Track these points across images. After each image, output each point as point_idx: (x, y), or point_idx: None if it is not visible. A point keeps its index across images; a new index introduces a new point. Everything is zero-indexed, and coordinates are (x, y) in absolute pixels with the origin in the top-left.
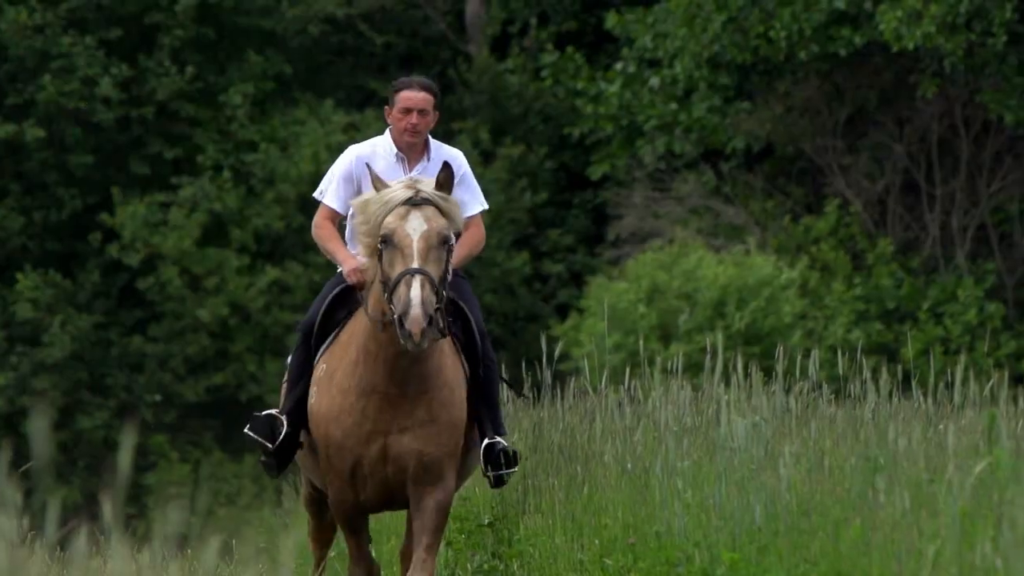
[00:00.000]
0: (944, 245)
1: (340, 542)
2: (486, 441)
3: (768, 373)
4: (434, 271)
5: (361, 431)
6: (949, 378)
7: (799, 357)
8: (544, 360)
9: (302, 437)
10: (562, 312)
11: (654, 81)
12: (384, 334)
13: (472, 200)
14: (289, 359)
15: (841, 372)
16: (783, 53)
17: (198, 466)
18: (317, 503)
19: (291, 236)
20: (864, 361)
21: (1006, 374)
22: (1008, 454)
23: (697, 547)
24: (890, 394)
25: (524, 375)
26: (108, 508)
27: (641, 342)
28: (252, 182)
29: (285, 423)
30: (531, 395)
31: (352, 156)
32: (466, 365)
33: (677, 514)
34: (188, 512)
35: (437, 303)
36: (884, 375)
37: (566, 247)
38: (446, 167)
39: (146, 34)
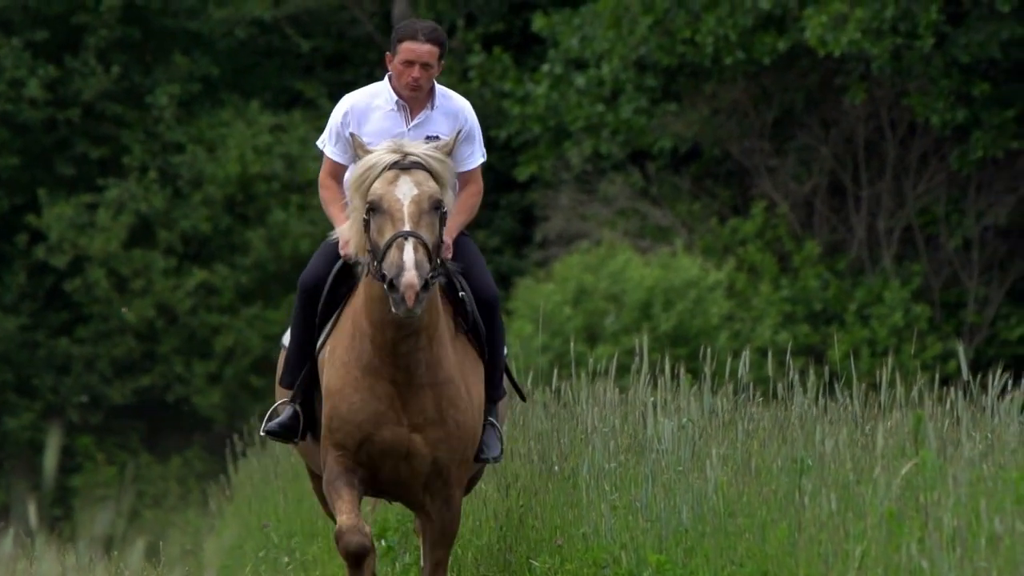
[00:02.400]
0: (870, 247)
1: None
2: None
3: (695, 374)
4: (427, 236)
5: (369, 408)
6: (876, 380)
7: (727, 359)
8: None
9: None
10: None
11: (580, 82)
12: (379, 315)
13: (473, 154)
14: (291, 321)
15: (768, 374)
16: (709, 57)
17: (124, 468)
18: None
19: (218, 238)
20: (791, 362)
21: (933, 376)
22: (934, 455)
23: (624, 549)
24: (817, 396)
25: None
26: (34, 510)
27: (572, 344)
28: (179, 183)
29: (296, 408)
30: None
31: (347, 106)
32: (477, 347)
33: (604, 516)
34: (114, 514)
35: (431, 271)
36: (811, 377)
37: (493, 249)
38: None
39: (72, 35)
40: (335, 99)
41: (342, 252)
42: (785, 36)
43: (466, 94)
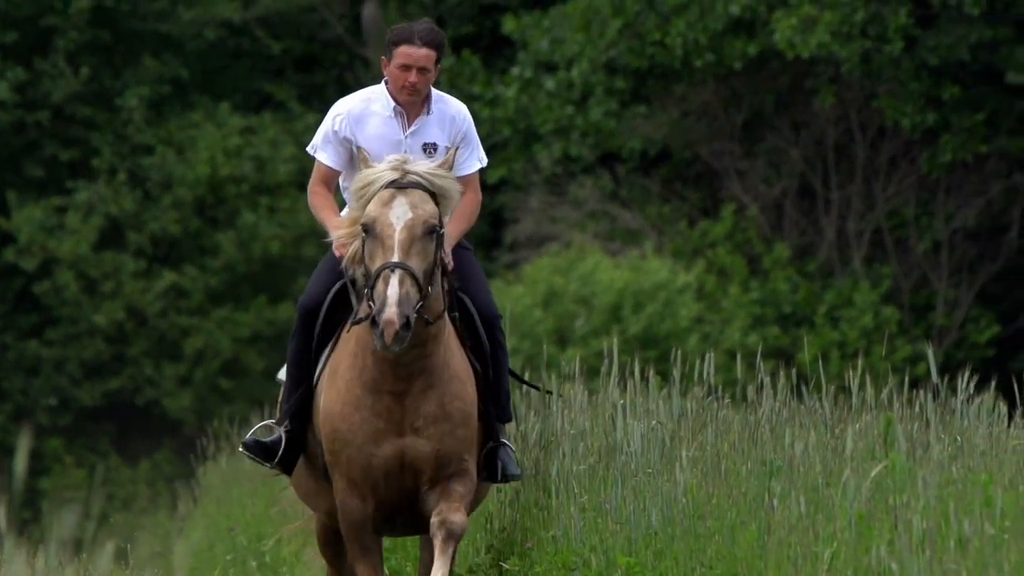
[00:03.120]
0: (840, 249)
1: None
2: (489, 444)
3: (665, 377)
4: (417, 265)
5: (370, 428)
6: (845, 382)
7: (696, 361)
8: None
9: (300, 464)
10: None
11: (550, 85)
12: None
13: (470, 158)
14: (288, 347)
15: (738, 376)
16: (679, 60)
17: (93, 470)
18: (334, 544)
19: (188, 240)
20: (761, 365)
21: (903, 378)
22: (904, 458)
23: (593, 551)
24: (786, 398)
25: None
26: (3, 512)
27: (545, 347)
28: (148, 186)
29: (282, 433)
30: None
31: (342, 111)
32: (475, 362)
33: (573, 518)
34: (83, 517)
35: (420, 299)
36: (780, 379)
37: None
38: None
39: (41, 37)
40: (305, 101)
41: (337, 252)
42: (755, 40)
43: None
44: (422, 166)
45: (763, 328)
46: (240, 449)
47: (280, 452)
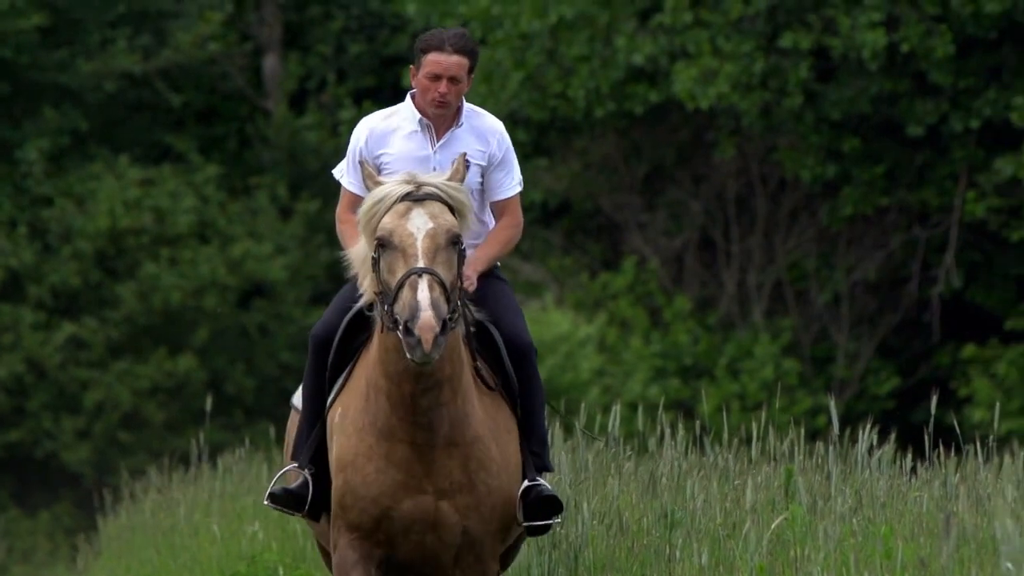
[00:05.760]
0: (741, 302)
1: None
2: (524, 483)
3: (567, 429)
4: (444, 274)
5: (386, 479)
6: (746, 434)
7: (597, 413)
8: None
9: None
10: None
11: None
12: (394, 367)
13: (509, 180)
14: (302, 382)
15: (639, 428)
16: (581, 111)
17: None
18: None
19: (88, 292)
20: (662, 417)
21: (802, 430)
22: (804, 510)
23: None
24: (687, 450)
25: None
26: None
27: None
28: (48, 238)
29: (307, 476)
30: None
31: (364, 130)
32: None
33: None
34: None
35: (449, 312)
36: (681, 431)
37: None
38: (462, 157)
39: None
40: (205, 153)
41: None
42: (656, 90)
43: (335, 149)
44: (437, 178)
45: (664, 380)
46: (266, 502)
47: (309, 498)
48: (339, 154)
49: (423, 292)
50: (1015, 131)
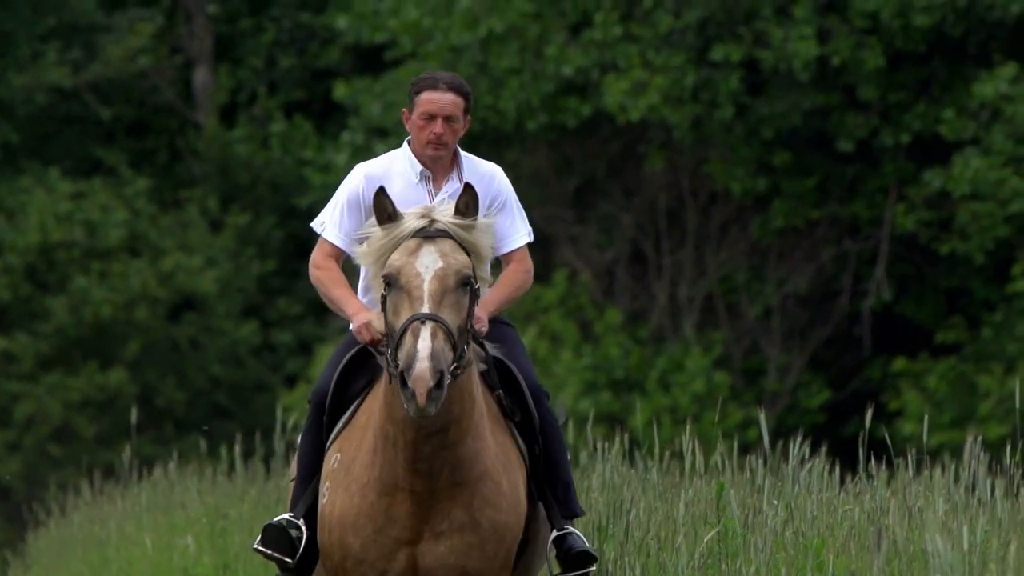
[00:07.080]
0: (672, 315)
1: None
2: (554, 533)
3: None
4: (451, 318)
5: (385, 539)
6: (677, 447)
7: None
8: (279, 430)
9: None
10: (291, 382)
11: (382, 150)
12: (399, 412)
13: (515, 230)
14: (299, 439)
15: (571, 441)
16: (512, 124)
17: None
18: None
19: (18, 306)
20: (592, 430)
21: (734, 443)
22: (737, 523)
23: None
24: (619, 463)
25: (257, 446)
26: None
27: None
28: None
29: (304, 528)
30: None
31: (360, 177)
32: (521, 443)
33: None
34: None
35: (454, 360)
36: (613, 444)
37: (295, 316)
38: (468, 188)
39: None
40: (136, 166)
41: (365, 337)
42: (588, 103)
43: (266, 163)
44: (449, 214)
45: (595, 393)
46: (256, 547)
47: (301, 550)
48: (268, 167)
49: (423, 342)
50: (945, 144)
